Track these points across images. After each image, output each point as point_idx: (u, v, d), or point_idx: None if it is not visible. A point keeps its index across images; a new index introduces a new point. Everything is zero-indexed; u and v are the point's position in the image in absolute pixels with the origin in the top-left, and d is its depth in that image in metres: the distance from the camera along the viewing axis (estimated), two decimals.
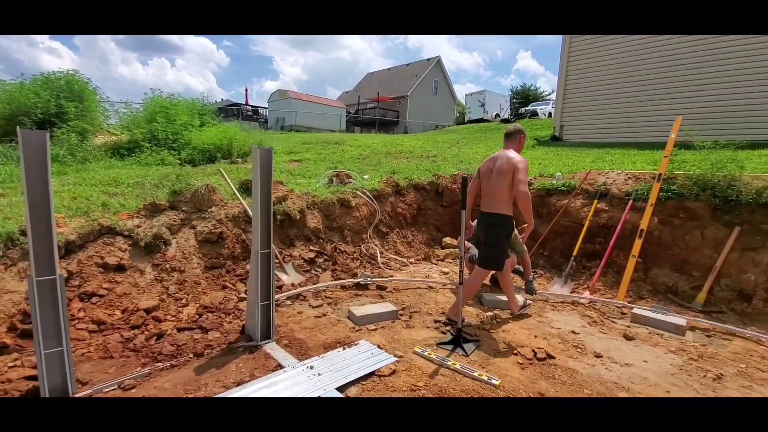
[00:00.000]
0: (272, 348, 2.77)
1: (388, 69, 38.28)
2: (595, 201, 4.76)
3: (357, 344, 2.84)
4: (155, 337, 2.79)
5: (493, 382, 2.41)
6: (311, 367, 2.48)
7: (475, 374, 2.50)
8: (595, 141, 9.72)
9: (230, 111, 22.57)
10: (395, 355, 2.71)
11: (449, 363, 2.63)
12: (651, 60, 9.00)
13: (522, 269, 4.24)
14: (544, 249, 5.11)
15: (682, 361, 2.82)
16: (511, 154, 3.21)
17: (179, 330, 2.94)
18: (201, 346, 2.70)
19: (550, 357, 2.81)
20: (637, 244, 4.12)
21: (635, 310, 3.56)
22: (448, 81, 35.54)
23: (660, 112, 8.83)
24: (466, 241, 3.03)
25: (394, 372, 2.51)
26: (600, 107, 10.03)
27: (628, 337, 3.20)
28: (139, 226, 3.67)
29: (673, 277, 4.03)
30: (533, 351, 2.84)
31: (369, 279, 4.15)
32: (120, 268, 3.39)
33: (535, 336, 3.18)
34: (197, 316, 3.16)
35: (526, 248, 4.01)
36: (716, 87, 8.04)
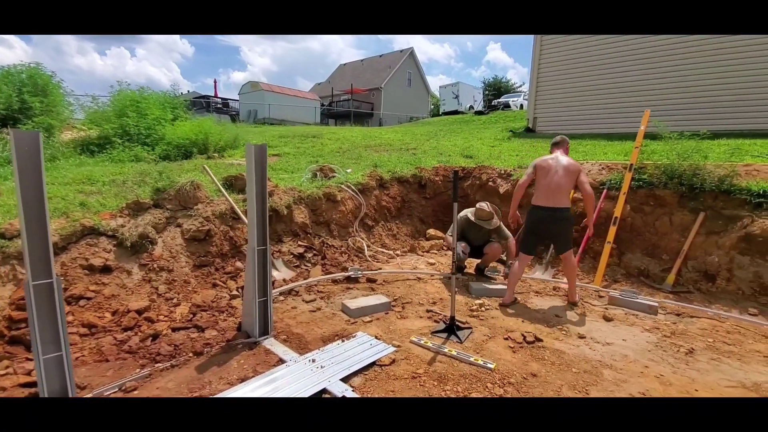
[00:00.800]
0: (271, 344, 2.79)
1: (361, 60, 37.97)
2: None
3: (355, 336, 2.90)
4: (150, 338, 2.75)
5: (489, 365, 2.54)
6: (313, 360, 2.52)
7: (471, 359, 2.62)
8: (567, 132, 10.02)
9: (199, 104, 21.82)
10: (393, 345, 2.80)
11: (446, 350, 2.74)
12: (621, 53, 9.38)
13: (505, 256, 4.43)
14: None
15: (657, 339, 3.05)
16: (570, 158, 3.68)
17: (174, 330, 2.90)
18: (199, 344, 2.69)
19: (539, 340, 2.97)
20: (612, 230, 4.36)
21: (612, 293, 3.80)
22: (422, 73, 35.66)
23: (629, 104, 9.26)
24: (454, 240, 3.15)
25: (393, 361, 2.60)
26: (571, 100, 10.39)
27: (607, 318, 3.42)
28: (123, 226, 3.57)
29: (645, 261, 4.31)
30: (523, 335, 3.00)
31: (360, 272, 4.21)
32: (106, 270, 3.30)
33: (523, 321, 3.35)
34: (191, 315, 3.13)
35: (511, 235, 4.24)
36: (682, 80, 8.48)
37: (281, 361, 2.56)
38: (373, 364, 2.53)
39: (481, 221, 4.21)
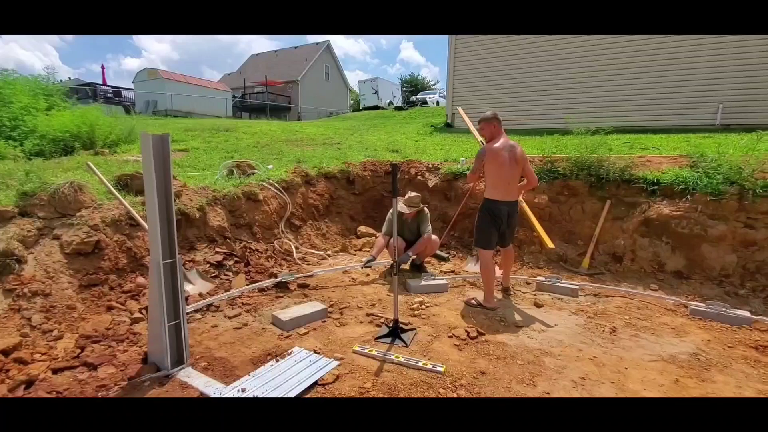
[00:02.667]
0: (188, 375, 2.34)
1: (275, 51, 36.20)
2: None
3: (291, 353, 2.57)
4: (24, 386, 2.11)
5: (438, 369, 2.42)
6: (243, 390, 2.15)
7: (420, 364, 2.47)
8: None
9: (84, 92, 18.74)
10: (335, 358, 2.53)
11: (392, 357, 2.56)
12: (533, 54, 10.13)
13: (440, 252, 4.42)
14: (455, 230, 5.39)
15: (583, 321, 3.23)
16: (514, 142, 3.42)
17: (56, 371, 2.28)
18: (91, 388, 2.14)
19: (481, 334, 2.95)
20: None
21: (538, 279, 3.97)
22: (340, 67, 35.19)
23: (541, 102, 10.08)
24: (395, 237, 2.98)
25: (338, 377, 2.34)
26: (487, 97, 10.96)
27: (538, 305, 3.55)
28: None
29: (564, 247, 4.62)
30: (466, 331, 2.95)
31: (292, 276, 3.84)
32: None
33: (462, 316, 3.32)
34: (78, 350, 2.50)
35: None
36: (590, 80, 9.45)
37: (203, 396, 2.13)
38: (314, 384, 2.25)
39: (413, 206, 4.19)
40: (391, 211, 3.69)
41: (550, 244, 3.89)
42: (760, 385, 2.35)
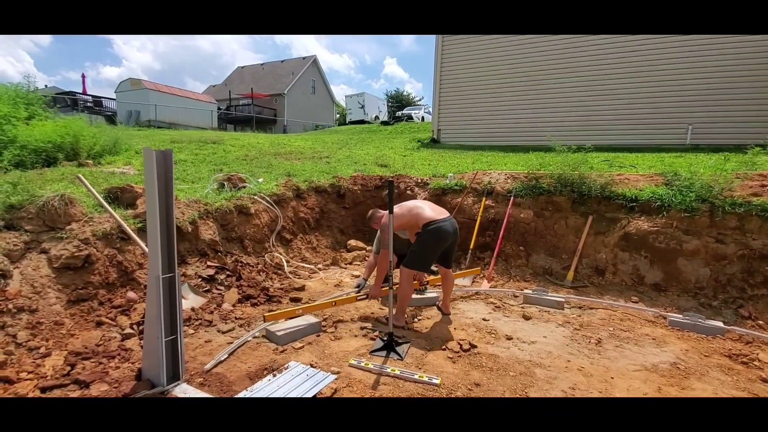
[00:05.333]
0: (184, 391, 2.32)
1: (261, 64, 36.33)
2: (483, 198, 5.32)
3: (287, 367, 2.58)
4: None
5: (434, 381, 2.47)
6: None
7: (416, 377, 2.52)
8: (469, 144, 10.92)
9: (63, 101, 18.33)
10: (332, 372, 2.56)
11: (388, 370, 2.60)
12: (519, 72, 10.53)
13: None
14: None
15: (570, 332, 3.35)
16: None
17: (45, 390, 2.23)
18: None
19: (473, 346, 3.02)
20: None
21: (525, 292, 4.09)
22: (326, 81, 35.50)
23: (524, 120, 10.47)
24: (390, 251, 3.02)
25: (335, 391, 2.36)
26: (471, 115, 11.30)
27: (526, 317, 3.65)
28: None
29: (549, 261, 4.78)
30: (458, 343, 3.02)
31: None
32: None
33: (455, 328, 3.39)
34: (68, 368, 2.45)
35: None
36: (572, 100, 9.86)
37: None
38: (313, 398, 2.26)
39: None
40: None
41: None
42: (735, 391, 2.50)
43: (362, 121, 24.31)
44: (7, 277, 2.85)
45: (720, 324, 3.38)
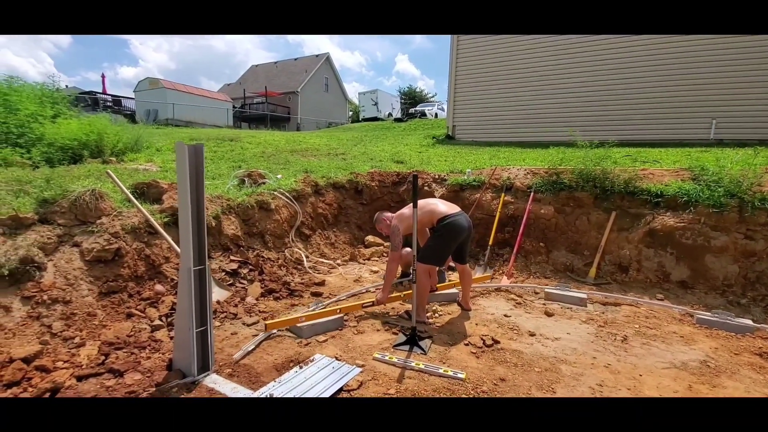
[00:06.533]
0: (214, 381, 2.37)
1: (275, 63, 36.60)
2: (503, 194, 5.27)
3: (313, 360, 2.62)
4: (49, 393, 2.13)
5: (459, 376, 2.47)
6: (271, 396, 2.19)
7: (441, 371, 2.53)
8: (485, 140, 10.82)
9: (84, 100, 18.79)
10: (356, 365, 2.58)
11: (413, 364, 2.61)
12: (536, 68, 10.38)
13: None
14: None
15: (595, 329, 3.30)
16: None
17: (81, 378, 2.30)
18: (120, 394, 2.17)
19: (496, 342, 3.00)
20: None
21: (547, 289, 4.05)
22: (339, 79, 35.59)
23: (539, 115, 10.31)
24: (414, 246, 3.02)
25: (361, 384, 2.38)
26: (487, 111, 11.18)
27: (548, 314, 3.62)
28: None
29: (570, 257, 4.72)
30: (481, 339, 3.01)
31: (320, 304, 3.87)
32: None
33: (476, 324, 3.38)
34: (102, 357, 2.53)
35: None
36: (593, 94, 9.67)
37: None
38: (340, 390, 2.29)
39: None
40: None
41: None
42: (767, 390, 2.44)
43: (375, 118, 24.29)
44: (42, 270, 2.95)
45: (749, 322, 3.29)
